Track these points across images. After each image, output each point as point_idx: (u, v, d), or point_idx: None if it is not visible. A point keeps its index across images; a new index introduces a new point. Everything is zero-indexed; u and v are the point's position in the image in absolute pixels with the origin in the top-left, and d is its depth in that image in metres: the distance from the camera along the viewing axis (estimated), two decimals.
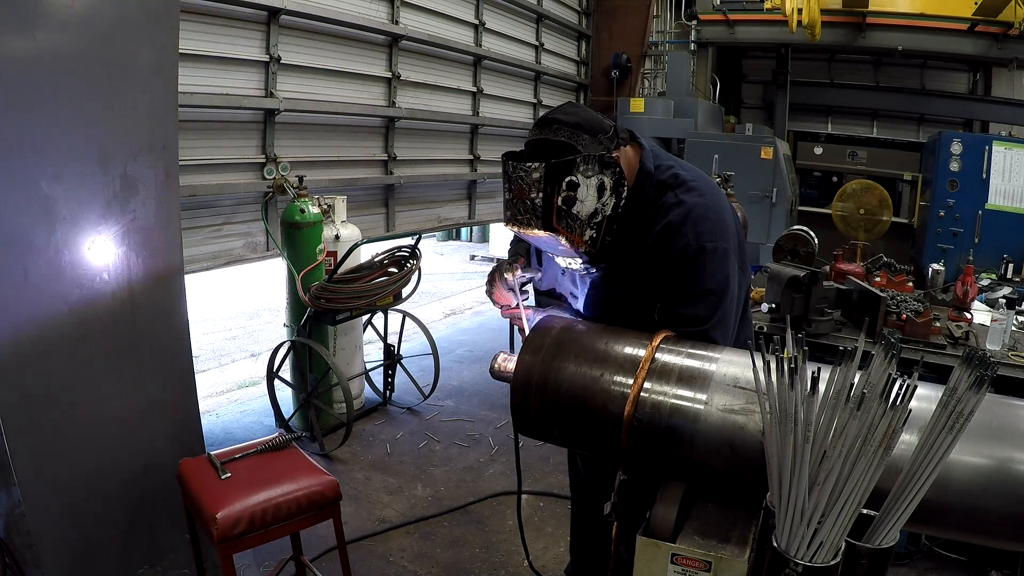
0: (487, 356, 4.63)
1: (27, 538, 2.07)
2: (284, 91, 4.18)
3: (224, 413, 4.31)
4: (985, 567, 2.72)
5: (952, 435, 0.90)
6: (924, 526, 1.09)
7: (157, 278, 2.37)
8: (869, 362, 0.97)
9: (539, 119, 1.53)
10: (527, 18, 6.94)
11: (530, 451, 3.70)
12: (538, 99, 7.22)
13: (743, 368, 1.21)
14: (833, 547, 0.90)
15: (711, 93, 8.13)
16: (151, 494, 2.38)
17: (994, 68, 7.57)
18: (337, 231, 3.98)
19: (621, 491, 1.27)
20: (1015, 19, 6.44)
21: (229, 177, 3.94)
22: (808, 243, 3.82)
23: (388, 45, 5.08)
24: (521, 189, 1.45)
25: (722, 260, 1.51)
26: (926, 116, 8.13)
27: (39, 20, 1.95)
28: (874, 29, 7.23)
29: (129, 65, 2.22)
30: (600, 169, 1.46)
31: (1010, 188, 5.89)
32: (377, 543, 2.94)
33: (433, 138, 5.77)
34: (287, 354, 3.86)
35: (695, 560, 1.09)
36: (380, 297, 3.74)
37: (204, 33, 3.66)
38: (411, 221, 5.60)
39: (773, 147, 6.38)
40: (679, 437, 1.20)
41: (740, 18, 7.85)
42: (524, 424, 1.41)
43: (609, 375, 1.29)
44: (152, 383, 2.41)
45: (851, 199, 5.48)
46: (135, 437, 2.35)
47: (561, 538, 2.96)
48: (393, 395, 4.51)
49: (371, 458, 3.74)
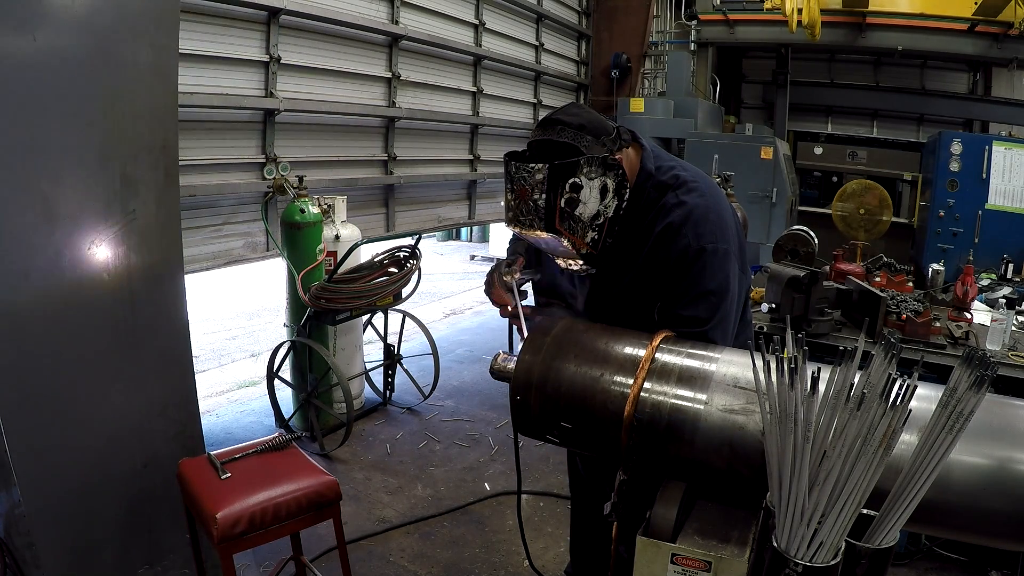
0: (487, 356, 4.63)
1: (27, 538, 2.07)
2: (284, 91, 4.18)
3: (224, 413, 4.31)
4: (985, 567, 2.73)
5: (952, 435, 0.90)
6: (924, 526, 1.09)
7: (157, 278, 2.37)
8: (869, 362, 0.97)
9: (542, 120, 1.53)
10: (527, 18, 6.94)
11: (530, 451, 3.70)
12: (538, 99, 7.22)
13: (743, 368, 1.21)
14: (833, 547, 0.90)
15: (711, 93, 8.12)
16: (151, 494, 2.37)
17: (994, 68, 7.56)
18: (337, 231, 3.98)
19: (621, 491, 1.27)
20: (1015, 19, 6.43)
21: (229, 177, 3.94)
22: (808, 243, 3.82)
23: (388, 45, 5.08)
24: (524, 190, 1.44)
25: (722, 261, 1.51)
26: (926, 116, 8.12)
27: (39, 20, 1.95)
28: (874, 29, 7.23)
29: (129, 65, 2.22)
30: (603, 171, 1.46)
31: (1010, 188, 5.89)
32: (377, 543, 2.94)
33: (433, 138, 5.77)
34: (287, 354, 3.86)
35: (695, 560, 1.09)
36: (380, 297, 3.74)
37: (204, 33, 3.66)
38: (411, 221, 5.60)
39: (773, 147, 6.38)
40: (679, 437, 1.20)
41: (740, 18, 7.85)
42: (524, 424, 1.41)
43: (609, 375, 1.29)
44: (152, 383, 2.40)
45: (851, 199, 5.49)
46: (135, 437, 2.35)
47: (561, 538, 2.96)
48: (393, 395, 4.51)
49: (371, 458, 3.74)
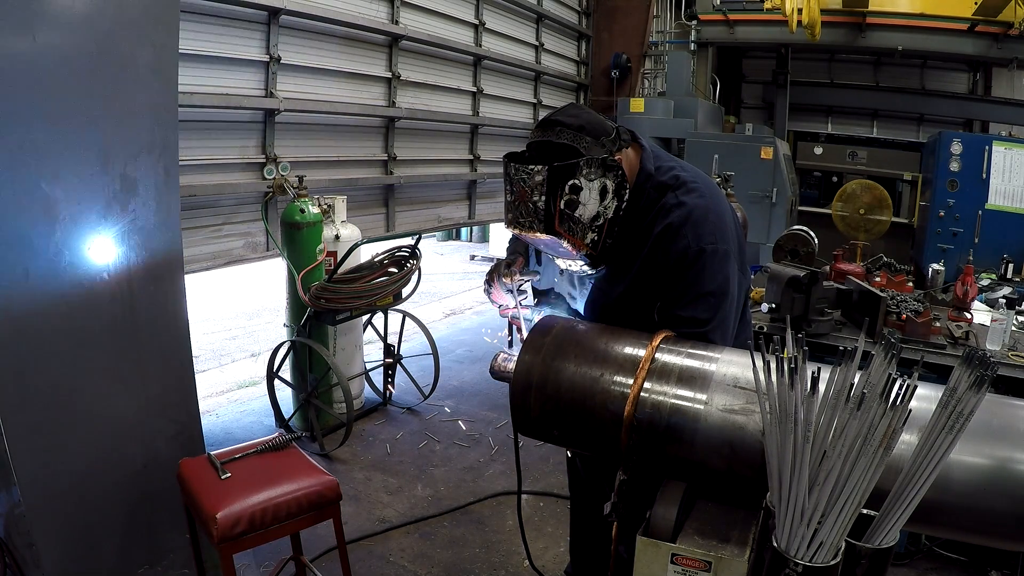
0: (487, 356, 4.63)
1: (27, 538, 2.07)
2: (284, 91, 4.18)
3: (224, 413, 4.31)
4: (985, 567, 2.72)
5: (952, 435, 0.90)
6: (924, 526, 1.09)
7: (157, 278, 2.37)
8: (869, 362, 0.97)
9: (541, 121, 1.53)
10: (527, 18, 6.94)
11: (530, 451, 3.70)
12: (538, 99, 7.22)
13: (743, 368, 1.21)
14: (833, 547, 0.90)
15: (711, 93, 8.13)
16: (151, 494, 2.38)
17: (994, 68, 7.57)
18: (337, 231, 3.98)
19: (621, 491, 1.27)
20: (1015, 19, 6.43)
21: (229, 177, 3.94)
22: (808, 243, 3.82)
23: (388, 45, 5.08)
24: (523, 191, 1.44)
25: (722, 262, 1.51)
26: (926, 116, 8.13)
27: (39, 20, 1.95)
28: (874, 29, 7.23)
29: (129, 65, 2.22)
30: (603, 172, 1.46)
31: (1010, 188, 5.88)
32: (377, 543, 2.94)
33: (433, 138, 5.77)
34: (287, 354, 3.86)
35: (695, 560, 1.09)
36: (380, 297, 3.74)
37: (204, 33, 3.66)
38: (411, 221, 5.60)
39: (773, 147, 6.38)
40: (679, 437, 1.20)
41: (740, 18, 7.85)
42: (524, 424, 1.41)
43: (609, 375, 1.29)
44: (152, 383, 2.41)
45: (851, 199, 5.48)
46: (135, 437, 2.35)
47: (561, 538, 2.96)
48: (393, 395, 4.51)
49: (371, 458, 3.74)
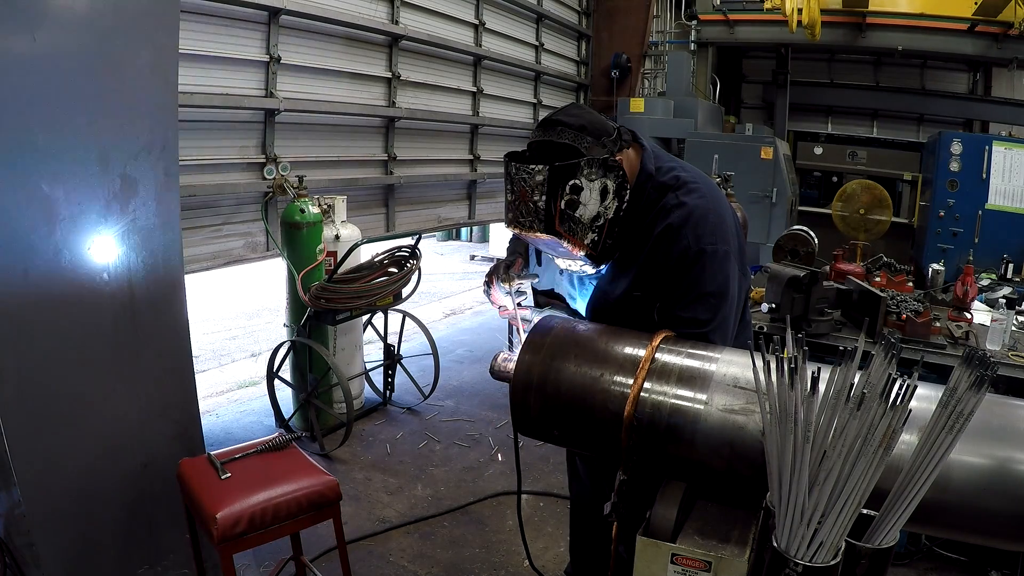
0: (487, 356, 4.62)
1: (27, 538, 2.07)
2: (284, 91, 4.18)
3: (224, 413, 4.31)
4: (985, 567, 2.72)
5: (952, 435, 0.90)
6: (924, 526, 1.09)
7: (157, 278, 2.36)
8: (869, 362, 0.97)
9: (542, 120, 1.53)
10: (527, 18, 6.94)
11: (530, 451, 3.70)
12: (538, 99, 7.22)
13: (743, 368, 1.21)
14: (833, 547, 0.90)
15: (711, 93, 8.13)
16: (151, 494, 2.37)
17: (994, 68, 7.57)
18: (337, 231, 3.98)
19: (621, 491, 1.27)
20: (1015, 19, 6.43)
21: (229, 177, 3.94)
22: (808, 243, 3.82)
23: (388, 45, 5.08)
24: (524, 191, 1.44)
25: (722, 262, 1.51)
26: (926, 116, 8.13)
27: (39, 20, 1.95)
28: (874, 29, 7.23)
29: (129, 65, 2.21)
30: (603, 172, 1.45)
31: (1010, 188, 5.89)
32: (377, 543, 2.94)
33: (433, 138, 5.77)
34: (287, 354, 3.86)
35: (695, 560, 1.09)
36: (380, 297, 3.74)
37: (204, 33, 3.66)
38: (411, 221, 5.60)
39: (773, 147, 6.38)
40: (679, 437, 1.20)
41: (740, 18, 7.85)
42: (524, 424, 1.41)
43: (609, 375, 1.29)
44: (152, 383, 2.40)
45: (851, 199, 5.48)
46: (135, 437, 2.35)
47: (561, 538, 2.96)
48: (393, 395, 4.51)
49: (371, 458, 3.74)
